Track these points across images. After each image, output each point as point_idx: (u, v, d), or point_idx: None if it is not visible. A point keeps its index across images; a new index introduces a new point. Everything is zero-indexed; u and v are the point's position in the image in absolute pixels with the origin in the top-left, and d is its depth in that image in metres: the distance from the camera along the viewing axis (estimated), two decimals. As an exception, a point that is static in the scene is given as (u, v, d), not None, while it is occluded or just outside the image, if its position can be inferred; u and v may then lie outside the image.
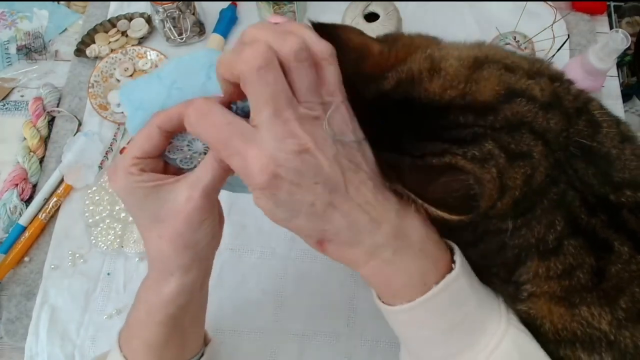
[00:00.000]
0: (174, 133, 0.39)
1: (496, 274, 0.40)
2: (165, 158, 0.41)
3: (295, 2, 0.78)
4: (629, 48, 0.63)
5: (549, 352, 0.39)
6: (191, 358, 0.46)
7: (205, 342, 0.49)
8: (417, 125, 0.37)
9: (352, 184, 0.35)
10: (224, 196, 0.43)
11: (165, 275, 0.40)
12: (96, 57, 0.83)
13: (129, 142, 0.78)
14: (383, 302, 0.39)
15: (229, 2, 0.86)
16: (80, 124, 0.79)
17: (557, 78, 0.39)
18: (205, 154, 0.40)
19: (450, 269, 0.37)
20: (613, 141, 0.38)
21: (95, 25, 0.85)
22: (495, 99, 0.36)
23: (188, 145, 0.41)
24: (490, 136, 0.35)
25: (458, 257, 0.38)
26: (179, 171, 0.40)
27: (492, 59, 0.38)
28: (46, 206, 0.73)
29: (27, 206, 0.73)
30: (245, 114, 0.35)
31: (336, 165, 0.34)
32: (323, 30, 0.36)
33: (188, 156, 0.41)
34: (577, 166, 0.37)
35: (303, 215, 0.34)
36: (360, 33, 0.40)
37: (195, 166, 0.41)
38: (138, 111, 0.40)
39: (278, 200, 0.33)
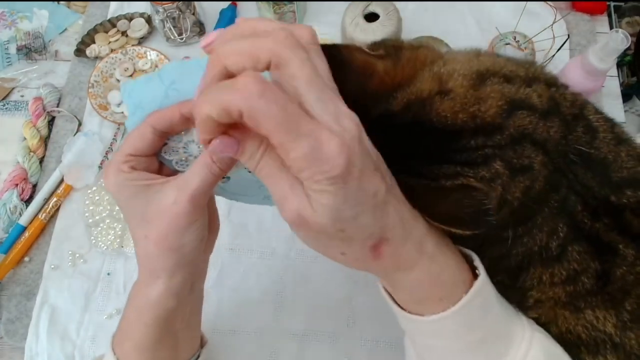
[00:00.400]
0: (167, 133, 0.38)
1: (501, 282, 0.40)
2: (161, 159, 0.41)
3: (295, 2, 0.78)
4: (629, 48, 0.63)
5: None
6: (187, 359, 0.46)
7: (202, 344, 0.49)
8: (429, 148, 0.37)
9: (388, 175, 0.33)
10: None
11: (152, 277, 0.39)
12: (96, 57, 0.83)
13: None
14: (410, 312, 0.38)
15: (229, 2, 0.86)
16: (80, 124, 0.79)
17: (553, 83, 0.39)
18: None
19: (475, 275, 0.37)
20: (609, 145, 0.38)
21: (95, 25, 0.85)
22: (500, 116, 0.36)
23: (184, 147, 0.40)
24: (498, 156, 0.35)
25: (478, 261, 0.38)
26: (174, 173, 0.40)
27: (492, 71, 0.38)
28: (46, 206, 0.73)
29: (27, 206, 0.73)
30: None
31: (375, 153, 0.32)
32: (323, 50, 0.36)
33: (183, 158, 0.41)
34: (577, 172, 0.37)
35: (368, 208, 0.30)
36: (362, 51, 0.39)
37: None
38: (137, 109, 0.40)
39: (348, 192, 0.28)
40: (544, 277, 0.38)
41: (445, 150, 0.36)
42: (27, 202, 0.75)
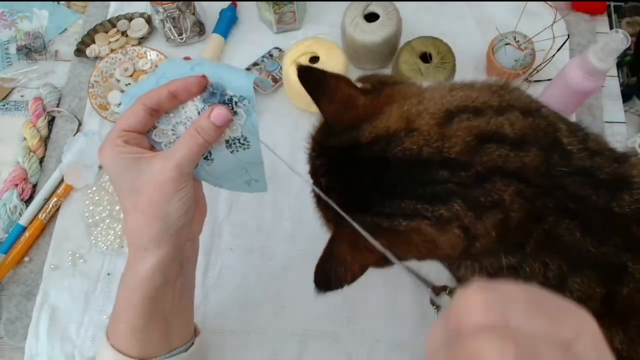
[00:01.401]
0: (157, 111, 0.42)
1: None
2: (151, 142, 0.44)
3: (295, 2, 0.78)
4: (629, 48, 0.63)
5: None
6: (180, 346, 0.47)
7: (196, 333, 0.51)
8: (393, 180, 0.38)
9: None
10: (224, 196, 0.43)
11: (140, 251, 0.42)
12: (96, 57, 0.83)
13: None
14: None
15: (229, 2, 0.86)
16: (80, 124, 0.79)
17: (528, 111, 0.39)
18: None
19: None
20: (585, 161, 0.38)
21: (95, 25, 0.85)
22: (467, 151, 0.36)
23: (172, 129, 0.44)
24: (460, 196, 0.36)
25: None
26: None
27: (461, 107, 0.38)
28: (46, 206, 0.73)
29: (27, 206, 0.73)
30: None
31: None
32: (309, 74, 0.38)
33: (172, 140, 0.44)
34: (565, 182, 0.37)
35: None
36: (350, 83, 0.42)
37: None
38: (132, 100, 0.43)
39: None
40: None
41: (409, 182, 0.37)
42: (27, 202, 0.74)
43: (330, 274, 0.39)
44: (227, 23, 0.84)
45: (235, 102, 0.43)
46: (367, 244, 0.35)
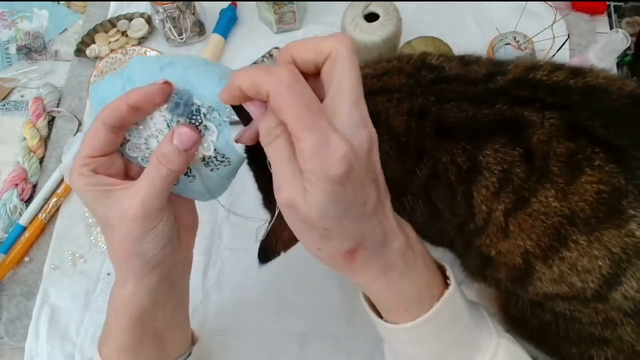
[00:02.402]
0: (121, 128, 0.37)
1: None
2: (127, 156, 0.39)
3: (295, 2, 0.78)
4: (629, 48, 0.63)
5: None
6: (177, 358, 0.46)
7: (193, 342, 0.49)
8: None
9: (384, 190, 0.34)
10: (224, 196, 0.43)
11: (123, 279, 0.39)
12: (96, 57, 0.83)
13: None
14: (385, 320, 0.39)
15: (229, 2, 0.86)
16: (80, 124, 0.79)
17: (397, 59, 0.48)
18: None
19: (446, 285, 0.38)
20: (459, 69, 0.45)
21: (95, 25, 0.85)
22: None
23: (145, 142, 0.39)
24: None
25: (450, 272, 0.38)
26: (142, 169, 0.39)
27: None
28: (46, 206, 0.73)
29: (27, 206, 0.73)
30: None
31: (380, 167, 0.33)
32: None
33: (147, 155, 0.39)
34: (440, 85, 0.43)
35: (354, 214, 0.31)
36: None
37: None
38: (99, 107, 0.38)
39: (341, 195, 0.29)
40: (483, 193, 0.41)
41: None
42: (27, 202, 0.74)
43: (266, 245, 0.44)
44: (227, 23, 0.84)
45: (204, 114, 0.37)
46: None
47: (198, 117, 0.37)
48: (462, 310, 0.38)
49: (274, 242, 0.43)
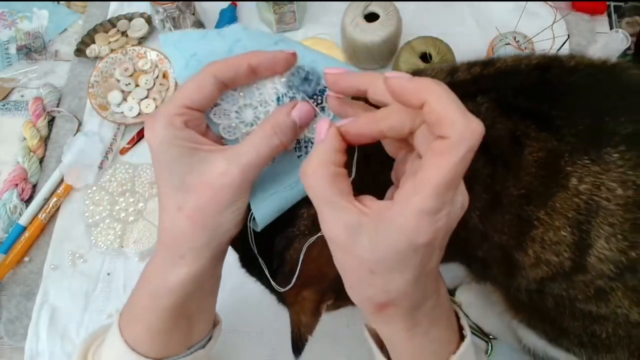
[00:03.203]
0: (228, 87, 0.34)
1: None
2: (208, 121, 0.36)
3: (295, 2, 0.78)
4: (629, 48, 0.63)
5: None
6: (199, 341, 0.43)
7: (215, 323, 0.46)
8: None
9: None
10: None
11: (175, 258, 0.35)
12: (96, 57, 0.83)
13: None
14: None
15: (229, 2, 0.86)
16: (80, 124, 0.79)
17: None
18: (253, 125, 0.36)
19: (461, 336, 0.37)
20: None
21: (95, 25, 0.85)
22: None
23: (237, 112, 0.36)
24: None
25: (464, 321, 0.38)
26: (217, 140, 0.36)
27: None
28: (46, 206, 0.73)
29: (27, 206, 0.73)
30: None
31: None
32: None
33: (233, 124, 0.36)
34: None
35: (410, 272, 0.29)
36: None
37: (237, 139, 0.36)
38: (191, 60, 0.35)
39: (409, 258, 0.28)
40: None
41: None
42: (27, 202, 0.74)
43: (292, 337, 0.45)
44: (227, 23, 0.84)
45: (325, 98, 0.35)
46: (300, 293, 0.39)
47: (319, 98, 0.35)
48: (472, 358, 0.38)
49: (297, 332, 0.43)
